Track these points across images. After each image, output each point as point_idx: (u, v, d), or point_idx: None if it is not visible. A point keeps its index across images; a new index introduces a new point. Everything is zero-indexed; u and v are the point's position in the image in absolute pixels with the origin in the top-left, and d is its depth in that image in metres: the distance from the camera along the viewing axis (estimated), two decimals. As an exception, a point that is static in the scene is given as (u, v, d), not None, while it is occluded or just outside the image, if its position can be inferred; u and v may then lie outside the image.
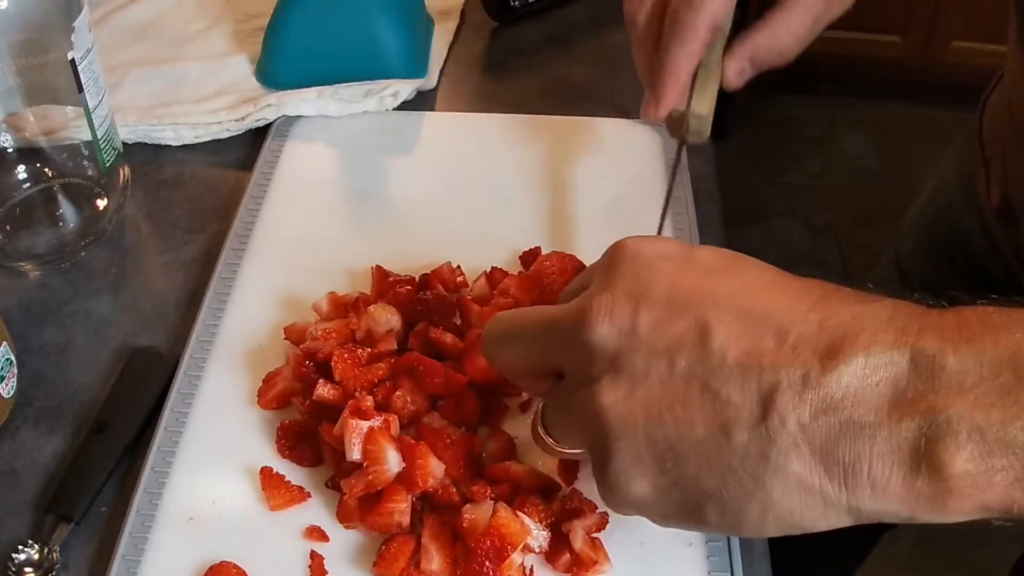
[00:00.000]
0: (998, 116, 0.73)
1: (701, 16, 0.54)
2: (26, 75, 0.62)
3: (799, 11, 0.57)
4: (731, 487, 0.36)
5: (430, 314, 0.56)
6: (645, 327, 0.37)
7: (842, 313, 0.35)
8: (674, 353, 0.36)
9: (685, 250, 0.40)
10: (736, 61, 0.57)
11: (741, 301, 0.36)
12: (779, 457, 0.34)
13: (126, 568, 0.48)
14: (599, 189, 0.69)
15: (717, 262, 0.39)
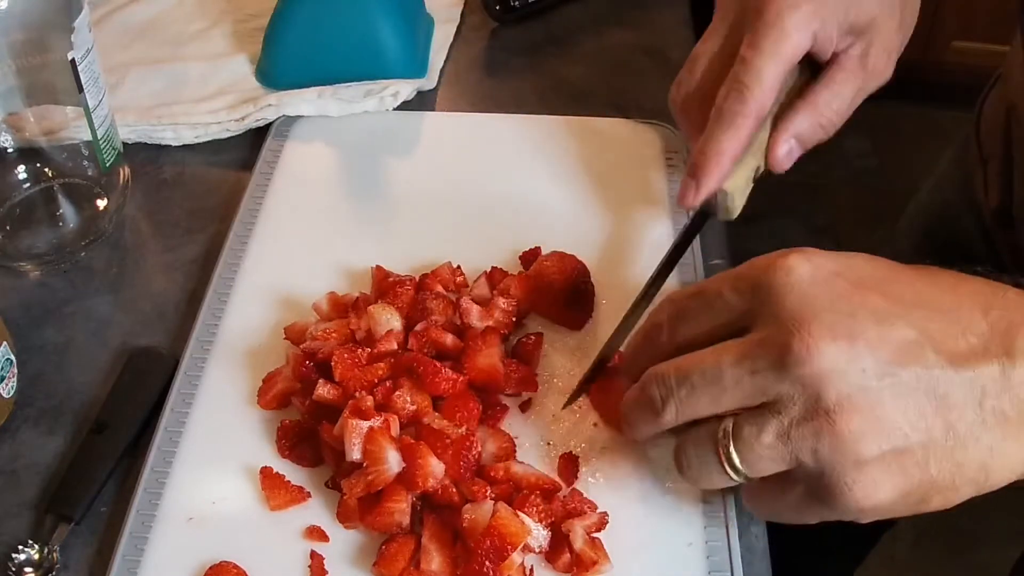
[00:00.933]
0: (996, 117, 0.73)
1: (750, 106, 0.53)
2: (26, 75, 0.62)
3: (840, 86, 0.57)
4: (959, 477, 0.40)
5: (430, 314, 0.56)
6: (864, 351, 0.40)
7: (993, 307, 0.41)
8: (897, 369, 0.40)
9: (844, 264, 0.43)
10: (783, 142, 0.56)
11: (925, 307, 0.41)
12: (998, 444, 0.40)
13: (126, 568, 0.48)
14: (599, 189, 0.69)
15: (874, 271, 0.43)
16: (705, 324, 0.44)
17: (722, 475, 0.43)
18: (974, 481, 0.41)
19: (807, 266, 0.42)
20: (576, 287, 0.59)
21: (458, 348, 0.54)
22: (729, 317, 0.43)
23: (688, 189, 0.55)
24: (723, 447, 0.43)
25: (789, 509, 0.44)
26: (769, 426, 0.41)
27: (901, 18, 0.58)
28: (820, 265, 0.42)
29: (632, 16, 0.87)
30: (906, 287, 0.42)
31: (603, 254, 0.63)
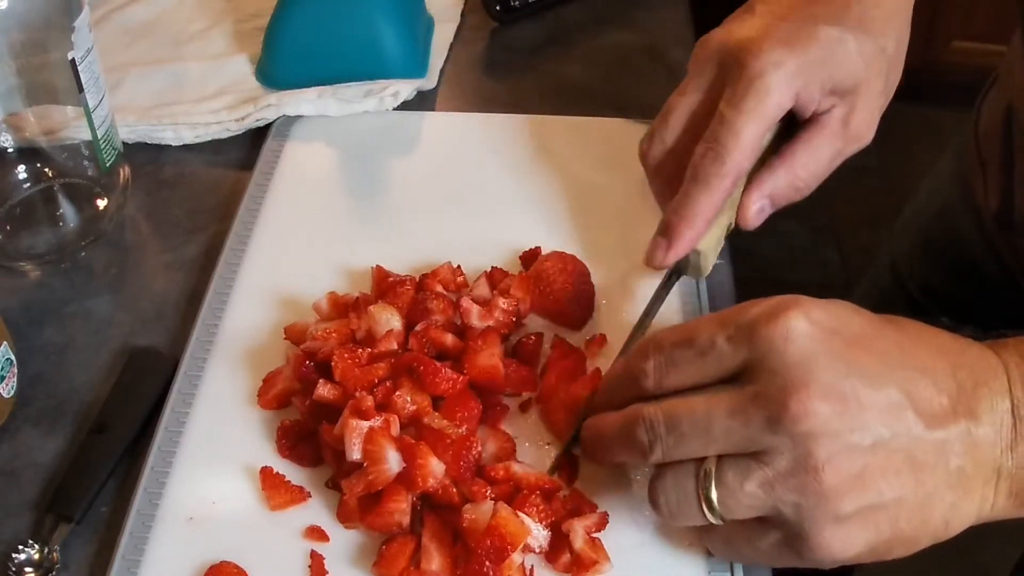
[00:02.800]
0: (994, 119, 0.73)
1: (728, 167, 0.52)
2: (26, 75, 0.62)
3: (818, 148, 0.55)
4: (925, 532, 0.42)
5: (430, 314, 0.56)
6: (855, 411, 0.41)
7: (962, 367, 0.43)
8: (884, 432, 0.41)
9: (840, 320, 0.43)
10: (756, 201, 0.55)
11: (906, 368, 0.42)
12: (961, 502, 0.42)
13: (126, 568, 0.48)
14: (599, 189, 0.69)
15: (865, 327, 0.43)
16: (695, 375, 0.44)
17: (698, 514, 0.44)
18: (934, 534, 0.43)
19: (805, 323, 0.42)
20: (576, 287, 0.59)
21: (458, 348, 0.54)
22: (721, 368, 0.43)
23: (658, 249, 0.54)
24: (703, 487, 0.43)
25: (759, 554, 0.45)
26: (754, 475, 0.42)
27: (887, 81, 0.57)
28: (817, 321, 0.42)
29: (632, 16, 0.87)
30: (891, 345, 0.43)
31: (603, 254, 0.63)
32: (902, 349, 0.43)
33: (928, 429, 0.41)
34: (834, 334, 0.42)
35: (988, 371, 0.43)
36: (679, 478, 0.44)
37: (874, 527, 0.42)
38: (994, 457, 0.42)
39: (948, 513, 0.42)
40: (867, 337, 0.43)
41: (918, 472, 0.41)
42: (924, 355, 0.43)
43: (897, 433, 0.41)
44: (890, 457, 0.41)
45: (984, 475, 0.42)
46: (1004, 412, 0.42)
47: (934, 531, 0.43)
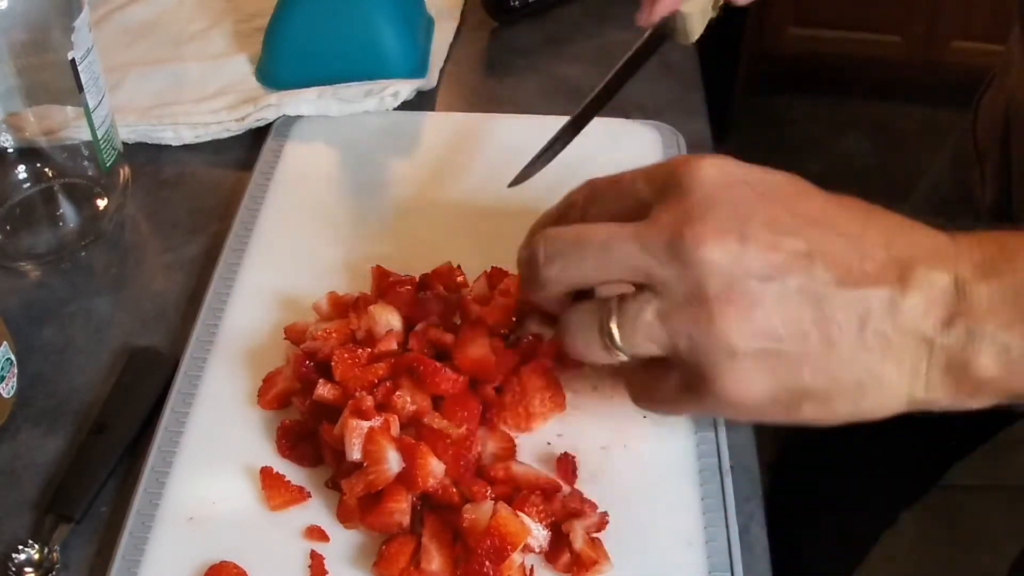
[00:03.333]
0: (993, 115, 0.73)
1: None
2: (26, 75, 0.62)
3: None
4: (832, 390, 0.42)
5: (430, 314, 0.56)
6: (754, 253, 0.41)
7: (899, 240, 0.42)
8: (784, 276, 0.40)
9: (757, 173, 0.43)
10: None
11: (828, 225, 0.42)
12: (876, 365, 0.41)
13: (126, 568, 0.48)
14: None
15: (787, 185, 0.44)
16: (613, 207, 0.46)
17: (602, 349, 0.44)
18: (850, 398, 0.42)
19: (716, 170, 0.43)
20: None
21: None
22: (636, 202, 0.44)
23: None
24: (605, 319, 0.44)
25: (665, 397, 0.45)
26: (650, 305, 0.42)
27: None
28: (731, 172, 0.43)
29: (632, 16, 0.87)
30: (814, 207, 0.42)
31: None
32: (824, 212, 0.42)
33: (839, 286, 0.40)
34: (745, 184, 0.42)
35: (932, 249, 0.42)
36: (584, 313, 0.45)
37: (771, 371, 0.41)
38: (922, 329, 0.41)
39: (864, 376, 0.41)
40: (786, 195, 0.43)
41: (824, 325, 0.41)
42: (853, 224, 0.42)
43: (800, 281, 0.40)
44: (791, 303, 0.40)
45: (911, 346, 0.41)
46: (941, 287, 0.41)
47: (848, 394, 0.42)
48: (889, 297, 0.41)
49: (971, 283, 0.41)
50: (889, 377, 0.41)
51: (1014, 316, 0.40)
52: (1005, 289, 0.40)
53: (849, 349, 0.41)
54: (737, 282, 0.40)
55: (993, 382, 0.41)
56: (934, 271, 0.41)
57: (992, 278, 0.41)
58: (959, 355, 0.41)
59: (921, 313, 0.41)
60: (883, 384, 0.42)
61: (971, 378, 0.41)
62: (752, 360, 0.41)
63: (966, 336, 0.40)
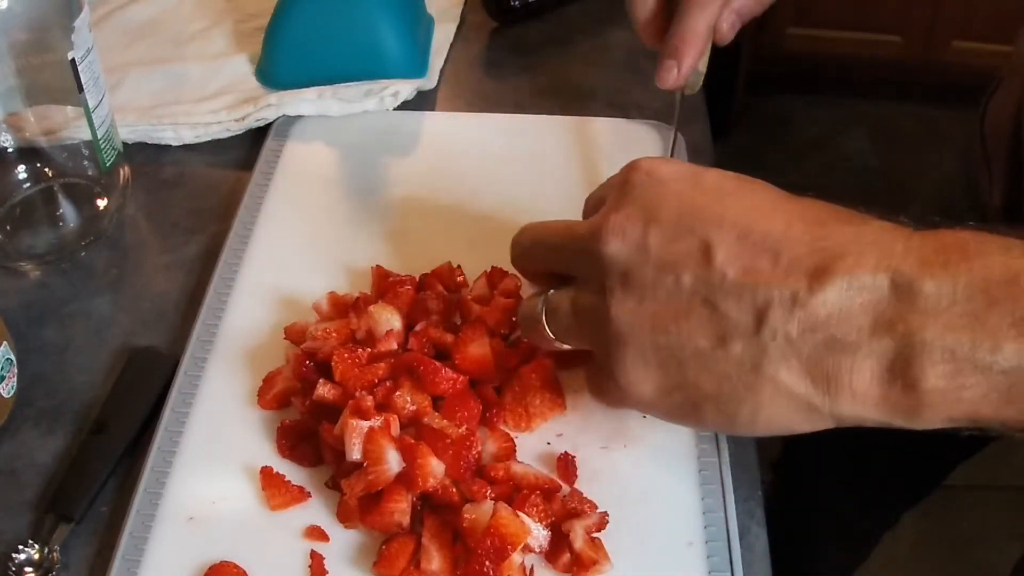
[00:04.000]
0: (1002, 116, 0.73)
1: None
2: (26, 75, 0.62)
3: None
4: (727, 392, 0.40)
5: (430, 314, 0.56)
6: (654, 244, 0.40)
7: (832, 236, 0.38)
8: (680, 269, 0.40)
9: (695, 172, 0.43)
10: (727, 17, 0.60)
11: (743, 222, 0.40)
12: (770, 367, 0.38)
13: (126, 568, 0.48)
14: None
15: (724, 184, 0.42)
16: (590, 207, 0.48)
17: (543, 334, 0.47)
18: (747, 405, 0.39)
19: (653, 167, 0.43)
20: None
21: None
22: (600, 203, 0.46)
23: (669, 71, 0.59)
24: (539, 306, 0.46)
25: (597, 389, 0.46)
26: (567, 297, 0.44)
27: None
28: (666, 171, 0.43)
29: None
30: (743, 204, 0.41)
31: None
32: (752, 210, 0.40)
33: (737, 282, 0.38)
34: (674, 181, 0.42)
35: (870, 245, 0.38)
36: (529, 302, 0.48)
37: (659, 366, 0.41)
38: (838, 333, 0.36)
39: (758, 381, 0.38)
40: (715, 192, 0.41)
41: (716, 321, 0.39)
42: (778, 220, 0.39)
43: (695, 274, 0.39)
44: (682, 293, 0.39)
45: (821, 351, 0.37)
46: (870, 286, 0.36)
47: (743, 399, 0.39)
48: (792, 294, 0.37)
49: (916, 280, 0.36)
50: (789, 384, 0.38)
51: (964, 319, 0.35)
52: (956, 286, 0.35)
53: (742, 349, 0.38)
54: (633, 272, 0.41)
55: (937, 396, 0.36)
56: (862, 268, 0.37)
57: (940, 274, 0.36)
58: (893, 364, 0.36)
59: (836, 313, 0.37)
60: (781, 391, 0.38)
61: (911, 392, 0.36)
62: (641, 350, 0.41)
63: (903, 341, 0.36)
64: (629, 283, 0.41)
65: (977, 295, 0.35)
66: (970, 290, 0.35)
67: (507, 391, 0.53)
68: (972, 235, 0.38)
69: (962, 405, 0.36)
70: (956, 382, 0.35)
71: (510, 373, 0.54)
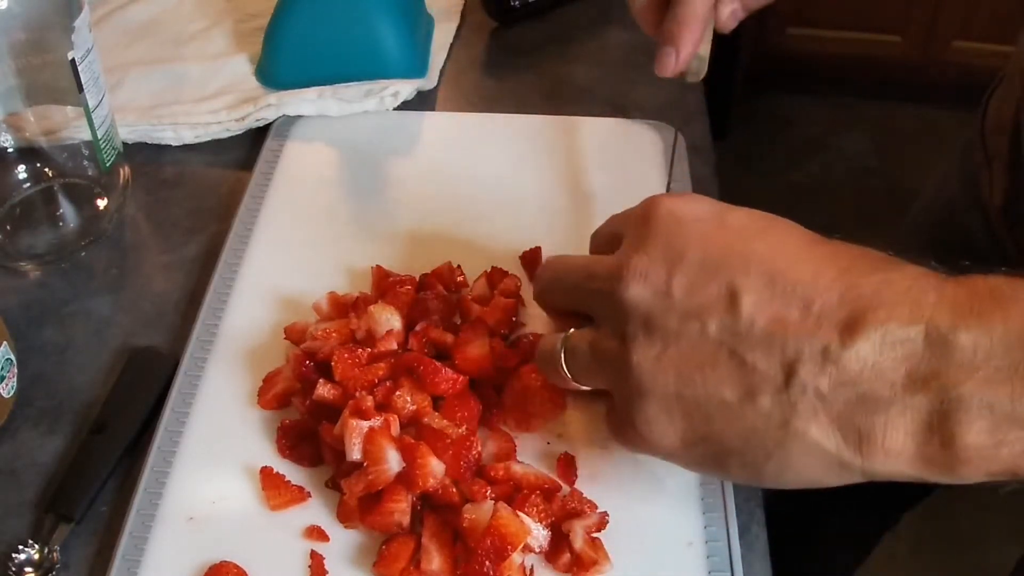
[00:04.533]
0: (1002, 116, 0.73)
1: None
2: (26, 75, 0.62)
3: None
4: (753, 446, 0.38)
5: (430, 314, 0.56)
6: (678, 290, 0.39)
7: (863, 285, 0.37)
8: (705, 317, 0.38)
9: (718, 211, 0.42)
10: (728, 5, 0.59)
11: (771, 267, 0.38)
12: (799, 423, 0.37)
13: (126, 568, 0.48)
14: (599, 189, 0.69)
15: (749, 224, 0.41)
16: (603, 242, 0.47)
17: (558, 371, 0.45)
18: (774, 459, 0.38)
19: (675, 206, 0.42)
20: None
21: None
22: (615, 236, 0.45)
23: (667, 57, 0.57)
24: (559, 345, 0.45)
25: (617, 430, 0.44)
26: (587, 337, 0.43)
27: None
28: (689, 209, 0.41)
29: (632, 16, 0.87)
30: (769, 247, 0.39)
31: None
32: (779, 255, 0.39)
33: (764, 330, 0.37)
34: (698, 221, 0.41)
35: (901, 294, 0.36)
36: (547, 341, 0.46)
37: (683, 418, 0.39)
38: (870, 389, 0.35)
39: (785, 437, 0.37)
40: (741, 234, 0.40)
41: (743, 373, 0.37)
42: (807, 266, 0.38)
43: (723, 323, 0.38)
44: (707, 343, 0.38)
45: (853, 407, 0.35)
46: (904, 339, 0.35)
47: (770, 453, 0.38)
48: (824, 347, 0.36)
49: (951, 332, 0.34)
50: (819, 441, 0.36)
51: (1002, 372, 0.33)
52: (992, 337, 0.34)
53: (771, 404, 0.37)
54: (656, 319, 0.39)
55: (975, 452, 0.34)
56: (895, 319, 0.35)
57: (975, 325, 0.34)
58: (929, 421, 0.35)
59: (869, 367, 0.35)
60: (811, 448, 0.37)
61: (948, 449, 0.35)
62: (664, 401, 0.39)
63: (939, 397, 0.34)
64: (652, 330, 0.39)
65: (1015, 346, 0.34)
66: (1007, 341, 0.34)
67: (507, 391, 0.53)
68: (1005, 281, 0.36)
69: (1002, 461, 0.34)
70: (995, 438, 0.34)
71: (510, 373, 0.54)
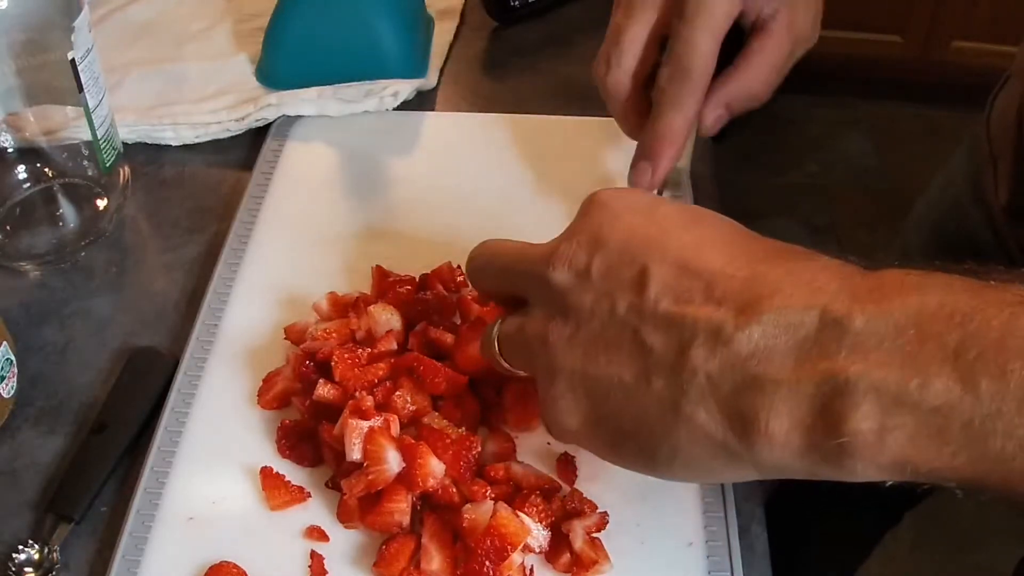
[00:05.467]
0: (1007, 116, 0.74)
1: (695, 83, 0.55)
2: (26, 75, 0.62)
3: (767, 58, 0.58)
4: (646, 430, 0.38)
5: (430, 314, 0.56)
6: (596, 272, 0.40)
7: (771, 273, 0.36)
8: (615, 298, 0.39)
9: (652, 204, 0.42)
10: (713, 110, 0.58)
11: (685, 255, 0.38)
12: (687, 407, 0.36)
13: (126, 568, 0.48)
14: (599, 189, 0.69)
15: (678, 217, 0.41)
16: None
17: (496, 360, 0.46)
18: (665, 444, 0.37)
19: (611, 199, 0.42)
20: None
21: (458, 348, 0.54)
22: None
23: (643, 173, 0.57)
24: (494, 331, 0.46)
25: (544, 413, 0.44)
26: (517, 322, 0.43)
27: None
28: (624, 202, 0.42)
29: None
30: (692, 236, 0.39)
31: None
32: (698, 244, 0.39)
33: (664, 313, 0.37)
34: (629, 212, 0.41)
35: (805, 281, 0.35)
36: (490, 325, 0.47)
37: (585, 397, 0.40)
38: (760, 371, 0.34)
39: (674, 420, 0.36)
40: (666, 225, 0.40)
41: (640, 353, 0.37)
42: (721, 254, 0.38)
43: (629, 303, 0.38)
44: (614, 324, 0.38)
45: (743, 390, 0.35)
46: (797, 323, 0.34)
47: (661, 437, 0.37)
48: (716, 329, 0.35)
49: (846, 316, 0.34)
50: (705, 426, 0.36)
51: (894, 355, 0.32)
52: (888, 322, 0.33)
53: (663, 386, 0.37)
54: (573, 299, 0.40)
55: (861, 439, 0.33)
56: (792, 306, 0.35)
57: (872, 310, 0.33)
58: (814, 405, 0.33)
59: (760, 351, 0.34)
60: (698, 434, 0.36)
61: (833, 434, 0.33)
62: (570, 380, 0.40)
63: (825, 380, 0.33)
64: (567, 310, 0.40)
65: (908, 329, 0.33)
66: (902, 325, 0.33)
67: (507, 391, 0.53)
68: (919, 273, 0.35)
69: (890, 450, 0.33)
70: (881, 422, 0.32)
71: None
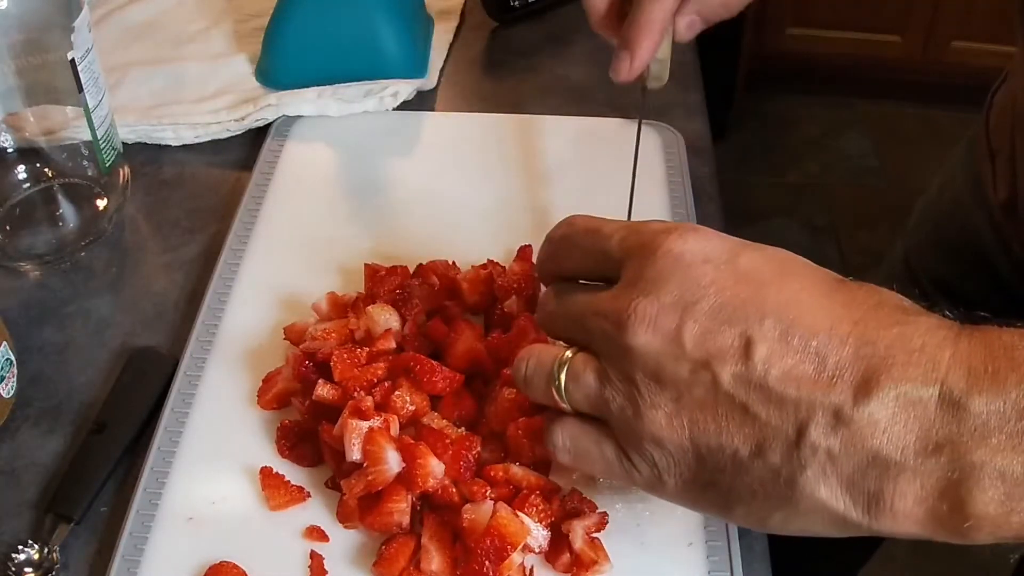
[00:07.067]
0: (1004, 113, 0.74)
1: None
2: (26, 75, 0.62)
3: None
4: (760, 499, 0.38)
5: (411, 299, 0.56)
6: (689, 339, 0.38)
7: (878, 340, 0.36)
8: (717, 367, 0.37)
9: (729, 252, 0.40)
10: (686, 15, 0.57)
11: (785, 316, 0.37)
12: (808, 483, 0.36)
13: (126, 568, 0.48)
14: (599, 189, 0.69)
15: (764, 267, 0.39)
16: (584, 260, 0.45)
17: (547, 390, 0.43)
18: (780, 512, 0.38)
19: (686, 243, 0.40)
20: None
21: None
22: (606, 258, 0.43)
23: (622, 62, 0.56)
24: (556, 369, 0.43)
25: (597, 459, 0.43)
26: (596, 365, 0.41)
27: None
28: (700, 248, 0.40)
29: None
30: (784, 293, 0.38)
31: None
32: (794, 302, 0.37)
33: (777, 386, 0.36)
34: (707, 263, 0.39)
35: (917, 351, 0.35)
36: (543, 354, 0.44)
37: (692, 466, 0.39)
38: (882, 451, 0.34)
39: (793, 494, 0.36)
40: (755, 277, 0.38)
41: (753, 428, 0.37)
42: (823, 315, 0.37)
43: (735, 373, 0.37)
44: (720, 396, 0.37)
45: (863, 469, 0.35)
46: (916, 401, 0.34)
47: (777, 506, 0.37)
48: (836, 407, 0.35)
49: (964, 396, 0.34)
50: (827, 501, 0.36)
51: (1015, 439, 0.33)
52: (1007, 402, 0.33)
53: (780, 461, 0.36)
54: (666, 369, 0.38)
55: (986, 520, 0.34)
56: (909, 380, 0.34)
57: (989, 389, 0.34)
58: (939, 487, 0.34)
59: (881, 430, 0.35)
60: (818, 507, 0.36)
61: (957, 515, 0.34)
62: (677, 451, 0.39)
63: (950, 465, 0.34)
64: (663, 380, 0.38)
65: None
66: (1020, 406, 0.33)
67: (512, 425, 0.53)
68: (1020, 337, 0.35)
69: (1013, 527, 0.34)
70: (1007, 507, 0.33)
71: (504, 367, 0.53)
